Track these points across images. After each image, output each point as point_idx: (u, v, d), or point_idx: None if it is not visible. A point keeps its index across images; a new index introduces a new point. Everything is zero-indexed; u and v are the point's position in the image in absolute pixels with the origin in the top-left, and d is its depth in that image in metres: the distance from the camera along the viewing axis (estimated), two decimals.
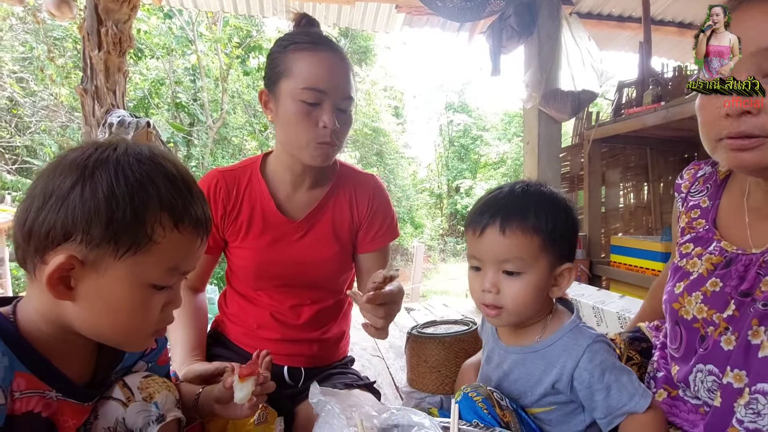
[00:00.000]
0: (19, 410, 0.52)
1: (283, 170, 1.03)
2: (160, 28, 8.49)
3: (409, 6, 3.13)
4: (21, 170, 7.31)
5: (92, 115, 1.99)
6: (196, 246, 0.59)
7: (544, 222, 0.72)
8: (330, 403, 0.60)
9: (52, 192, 0.51)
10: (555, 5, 2.59)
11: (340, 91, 0.92)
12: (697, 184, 0.85)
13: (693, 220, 0.81)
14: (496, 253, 0.73)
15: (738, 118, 0.62)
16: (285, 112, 0.93)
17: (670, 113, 2.32)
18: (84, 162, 0.52)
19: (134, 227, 0.52)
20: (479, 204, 0.78)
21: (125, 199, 0.51)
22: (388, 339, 2.13)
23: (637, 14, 3.46)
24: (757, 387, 0.60)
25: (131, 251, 0.52)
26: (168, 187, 0.55)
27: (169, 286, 0.58)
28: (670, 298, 0.76)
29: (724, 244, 0.73)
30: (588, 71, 2.51)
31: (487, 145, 14.01)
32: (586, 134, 2.96)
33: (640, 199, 3.32)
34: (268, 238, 1.02)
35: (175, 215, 0.55)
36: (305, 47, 0.92)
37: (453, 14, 1.99)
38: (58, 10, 1.93)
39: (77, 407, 0.59)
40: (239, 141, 9.98)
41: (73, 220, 0.50)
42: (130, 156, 0.54)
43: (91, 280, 0.52)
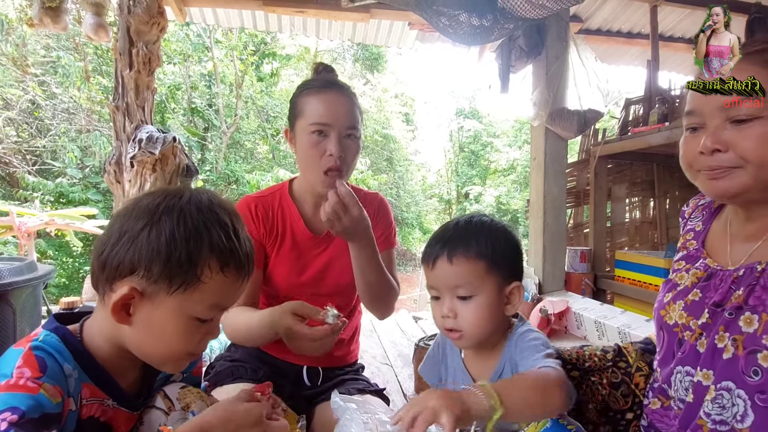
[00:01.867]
0: (84, 415, 0.62)
1: (306, 193, 1.19)
2: (177, 35, 8.72)
3: (421, 23, 3.23)
4: (41, 171, 7.55)
5: (123, 130, 2.12)
6: (238, 286, 0.67)
7: (485, 247, 0.81)
8: (350, 409, 0.70)
9: (126, 231, 0.61)
10: (563, 26, 2.67)
11: (343, 122, 1.07)
12: (697, 212, 0.93)
13: (687, 241, 0.89)
14: (447, 281, 0.82)
15: (710, 155, 0.70)
16: (300, 145, 1.10)
17: (674, 134, 2.39)
18: (154, 208, 0.62)
19: (186, 268, 0.60)
20: (430, 238, 0.88)
21: (182, 243, 0.60)
22: (396, 348, 2.24)
23: (646, 30, 3.52)
24: (722, 384, 0.69)
25: (182, 288, 0.60)
26: (220, 235, 0.63)
27: (211, 319, 0.66)
28: (659, 306, 0.85)
29: (708, 261, 0.81)
30: (594, 91, 2.58)
31: (497, 152, 14.02)
32: (592, 150, 3.03)
33: (646, 215, 3.36)
34: (295, 253, 1.16)
35: (222, 260, 0.62)
36: (314, 91, 1.10)
37: (463, 39, 2.08)
38: (95, 35, 2.07)
39: (127, 415, 0.69)
40: (252, 145, 10.18)
41: (139, 257, 0.59)
42: (192, 204, 0.63)
43: (146, 309, 0.61)
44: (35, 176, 7.10)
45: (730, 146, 0.69)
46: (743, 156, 0.68)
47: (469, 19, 1.91)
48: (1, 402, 0.51)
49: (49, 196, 6.87)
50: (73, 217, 3.53)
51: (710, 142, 0.69)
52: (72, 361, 0.61)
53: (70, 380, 0.59)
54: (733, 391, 0.68)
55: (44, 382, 0.54)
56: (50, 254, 6.62)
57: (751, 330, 0.68)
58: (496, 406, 0.65)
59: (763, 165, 0.67)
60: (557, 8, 1.99)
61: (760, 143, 0.67)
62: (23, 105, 7.36)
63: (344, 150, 1.07)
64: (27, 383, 0.53)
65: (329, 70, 1.19)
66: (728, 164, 0.69)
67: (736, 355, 0.68)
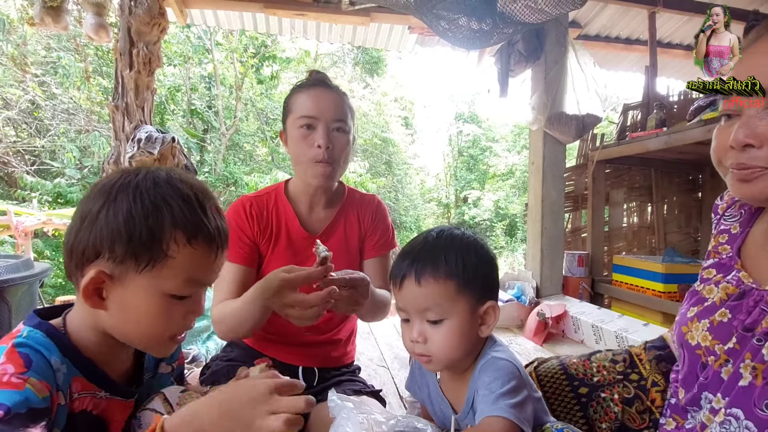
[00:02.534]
0: (76, 409, 0.61)
1: (301, 193, 1.20)
2: (178, 37, 8.74)
3: (421, 27, 3.25)
4: (40, 171, 7.54)
5: (122, 130, 2.12)
6: (211, 260, 0.63)
7: (455, 265, 0.74)
8: (346, 408, 0.69)
9: (86, 215, 0.60)
10: (562, 32, 2.69)
11: (330, 114, 1.10)
12: (733, 208, 0.80)
13: (719, 245, 0.78)
14: (416, 304, 0.75)
15: (741, 150, 0.61)
16: (291, 140, 1.14)
17: (672, 139, 2.40)
18: (110, 188, 0.60)
19: (151, 245, 0.58)
20: (399, 254, 0.80)
21: (141, 220, 0.58)
22: (393, 350, 2.23)
23: (645, 37, 3.54)
24: (731, 411, 0.62)
25: (150, 266, 0.58)
26: (181, 207, 0.60)
27: (189, 296, 0.63)
28: (681, 320, 0.75)
29: (743, 275, 0.70)
30: (592, 96, 2.60)
31: (496, 156, 14.05)
32: (590, 155, 3.04)
33: (644, 220, 3.37)
34: (291, 252, 1.17)
35: (188, 232, 0.60)
36: (304, 88, 1.14)
37: (462, 43, 2.10)
38: (96, 35, 2.08)
39: (122, 404, 0.68)
40: (251, 147, 10.18)
41: (101, 239, 0.58)
42: (148, 180, 0.61)
43: (118, 291, 0.60)
44: (33, 176, 7.08)
45: (765, 141, 0.59)
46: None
47: (469, 23, 1.92)
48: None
49: (47, 196, 6.85)
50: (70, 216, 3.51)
51: (742, 134, 0.60)
52: (59, 355, 0.60)
53: (59, 374, 0.58)
54: (741, 421, 0.61)
55: (30, 377, 0.54)
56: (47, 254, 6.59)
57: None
58: None
59: None
60: (556, 13, 2.01)
61: None
62: (23, 105, 7.36)
63: (332, 142, 1.10)
64: (11, 379, 0.52)
65: (319, 74, 1.23)
66: (762, 164, 0.59)
67: (753, 384, 0.61)
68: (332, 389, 0.79)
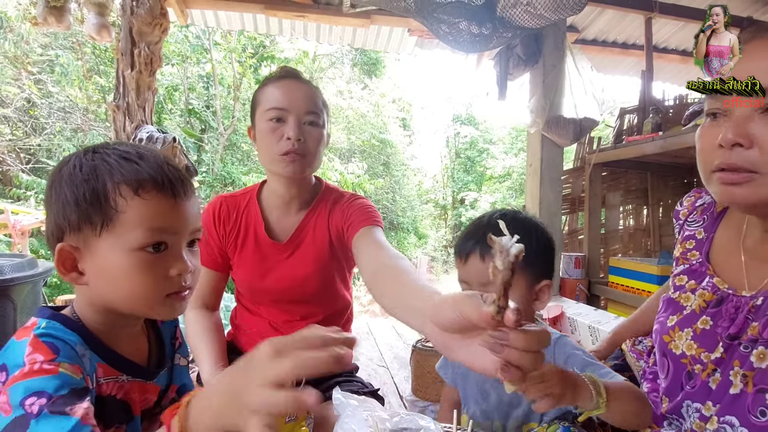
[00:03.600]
0: (104, 393, 0.62)
1: (271, 195, 1.13)
2: (176, 36, 8.73)
3: (420, 30, 3.27)
4: (35, 170, 7.50)
5: (123, 130, 2.13)
6: (168, 205, 0.61)
7: None
8: (351, 405, 0.71)
9: (45, 200, 0.63)
10: (560, 36, 2.72)
11: (301, 106, 1.02)
12: (695, 214, 0.82)
13: (687, 251, 0.80)
14: (479, 277, 0.82)
15: (730, 149, 0.60)
16: (259, 134, 1.05)
17: (667, 143, 2.43)
18: (56, 169, 0.62)
19: (98, 204, 0.58)
20: (463, 233, 0.88)
21: (82, 183, 0.59)
22: (392, 350, 2.24)
23: (641, 42, 3.57)
24: (725, 418, 0.63)
25: (105, 226, 0.58)
26: (120, 163, 0.60)
27: (162, 247, 0.61)
28: (661, 329, 0.76)
29: (717, 281, 0.71)
30: (589, 100, 2.63)
31: (493, 159, 14.11)
32: (587, 158, 3.07)
33: (640, 222, 3.40)
34: (257, 257, 1.12)
35: (132, 184, 0.59)
36: (272, 81, 1.06)
37: (462, 46, 2.12)
38: (98, 35, 2.09)
39: (143, 384, 0.68)
40: (248, 148, 10.17)
41: (57, 214, 0.60)
42: (88, 150, 0.63)
43: (89, 261, 0.60)
44: (29, 175, 7.05)
45: (755, 141, 0.58)
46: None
47: (469, 27, 1.94)
48: (23, 390, 0.50)
49: (43, 195, 6.80)
50: None
51: (732, 133, 0.59)
52: (82, 343, 0.60)
53: (84, 360, 0.59)
54: (736, 428, 0.62)
55: (61, 362, 0.54)
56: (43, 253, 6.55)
57: (763, 366, 0.61)
58: (601, 405, 0.64)
59: None
60: (555, 18, 2.03)
61: None
62: (18, 103, 7.33)
63: (304, 135, 1.01)
64: (42, 366, 0.53)
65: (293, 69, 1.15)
66: (748, 166, 0.59)
67: (745, 391, 0.62)
68: (336, 387, 0.80)
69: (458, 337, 0.51)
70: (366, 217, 1.05)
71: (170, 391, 0.76)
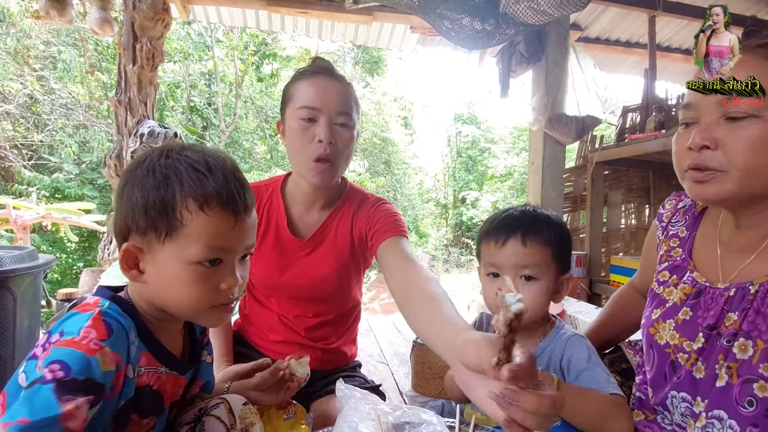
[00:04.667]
0: (142, 383, 0.63)
1: (296, 191, 1.12)
2: (178, 33, 8.73)
3: (423, 27, 3.26)
4: (37, 166, 7.51)
5: (125, 125, 2.13)
6: (229, 224, 0.62)
7: (553, 236, 0.85)
8: (354, 397, 0.71)
9: (118, 196, 0.64)
10: (563, 34, 2.71)
11: (334, 106, 0.99)
12: (678, 215, 0.88)
13: (671, 249, 0.84)
14: (517, 260, 0.85)
15: (699, 151, 0.67)
16: (289, 131, 1.03)
17: (670, 141, 2.41)
18: (131, 167, 0.64)
19: (165, 214, 0.59)
20: (497, 220, 0.90)
21: (153, 190, 0.60)
22: (392, 347, 2.24)
23: (644, 40, 3.56)
24: (714, 413, 0.66)
25: (169, 236, 0.60)
26: (190, 175, 0.61)
27: (219, 263, 0.63)
28: (647, 323, 0.80)
29: (696, 275, 0.77)
30: (592, 98, 2.62)
31: (494, 158, 14.08)
32: (589, 156, 3.06)
33: (641, 221, 3.40)
34: (277, 252, 1.10)
35: (198, 199, 0.60)
36: (306, 75, 1.03)
37: (465, 42, 2.11)
38: (100, 29, 2.09)
39: (177, 378, 0.69)
40: (250, 145, 10.18)
41: (126, 214, 0.61)
42: (161, 153, 0.63)
43: (151, 263, 0.62)
44: (31, 171, 7.05)
45: (720, 144, 0.66)
46: (731, 159, 0.65)
47: (472, 23, 1.94)
48: (57, 353, 0.52)
49: (45, 191, 6.83)
50: (70, 211, 3.51)
51: (699, 138, 0.66)
52: (135, 329, 0.62)
53: (132, 347, 0.60)
54: (724, 421, 0.65)
55: (105, 347, 0.55)
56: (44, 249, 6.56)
57: (745, 357, 0.65)
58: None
59: (750, 171, 0.64)
60: (558, 15, 2.03)
61: (749, 146, 0.63)
62: (21, 99, 7.33)
63: (335, 137, 1.00)
64: (90, 344, 0.54)
65: (326, 62, 1.12)
66: (715, 165, 0.66)
67: (730, 383, 0.65)
68: (340, 379, 0.80)
69: (477, 377, 0.53)
70: (393, 226, 1.04)
71: (195, 386, 0.77)
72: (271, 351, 1.17)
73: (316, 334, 1.16)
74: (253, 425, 0.72)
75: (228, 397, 0.73)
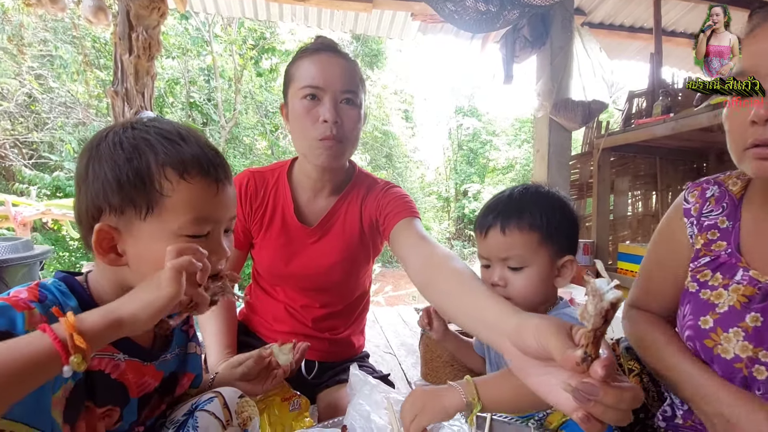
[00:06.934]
0: (93, 368, 0.59)
1: (303, 176, 1.07)
2: (176, 29, 8.66)
3: (424, 14, 3.20)
4: (38, 165, 7.49)
5: (122, 116, 2.09)
6: (212, 191, 0.59)
7: (539, 219, 0.80)
8: (369, 384, 0.67)
9: (78, 177, 0.59)
10: (568, 17, 2.65)
11: (338, 84, 0.94)
12: (709, 205, 0.77)
13: (711, 242, 0.73)
14: (499, 251, 0.81)
15: (764, 125, 0.60)
16: (292, 113, 0.98)
17: (679, 124, 2.37)
18: (91, 144, 0.58)
19: (143, 187, 0.55)
20: (484, 208, 0.87)
21: (125, 164, 0.55)
22: (399, 338, 2.20)
23: (649, 25, 3.51)
24: None
25: (150, 210, 0.56)
26: (163, 143, 0.57)
27: (205, 235, 0.59)
28: (697, 334, 0.69)
29: (754, 273, 0.66)
30: (599, 82, 2.57)
31: (496, 150, 14.01)
32: (595, 143, 3.01)
33: (648, 208, 3.35)
34: (283, 240, 1.06)
35: (178, 167, 0.56)
36: (307, 54, 0.98)
37: (469, 26, 2.06)
38: (94, 17, 2.04)
39: (139, 366, 0.65)
40: (250, 141, 10.13)
41: (95, 194, 0.56)
42: (126, 126, 0.59)
43: (131, 244, 0.57)
44: (31, 169, 7.03)
45: None
46: None
47: (476, 4, 1.89)
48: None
49: (46, 189, 6.81)
50: (70, 207, 3.48)
51: (765, 109, 0.58)
52: (78, 310, 0.57)
53: None
54: None
55: (35, 308, 0.51)
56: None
57: None
58: (474, 401, 0.65)
59: None
60: None
61: None
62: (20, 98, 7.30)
63: (341, 116, 0.94)
64: (18, 301, 0.51)
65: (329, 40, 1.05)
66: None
67: None
68: (354, 364, 0.77)
69: (537, 364, 0.49)
70: (404, 207, 1.00)
71: (185, 379, 0.74)
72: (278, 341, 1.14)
73: (323, 324, 1.13)
74: (251, 419, 0.68)
75: (222, 391, 0.69)
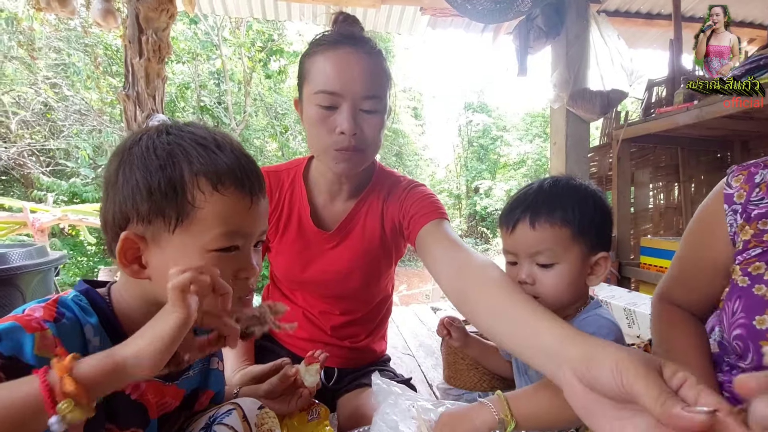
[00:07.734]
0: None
1: (319, 177, 0.99)
2: (185, 34, 8.74)
3: (433, 8, 3.15)
4: (55, 172, 7.63)
5: (134, 119, 2.08)
6: (245, 205, 0.56)
7: (572, 213, 0.74)
8: (394, 393, 0.63)
9: (107, 182, 0.55)
10: (583, 4, 2.57)
11: (358, 90, 0.82)
12: (759, 191, 0.71)
13: (763, 231, 0.68)
14: (527, 247, 0.76)
15: None
16: (307, 118, 0.87)
17: (703, 112, 2.27)
18: (123, 148, 0.55)
19: (173, 196, 0.52)
20: (511, 201, 0.81)
21: (157, 171, 0.52)
22: (417, 338, 2.15)
23: (667, 11, 3.39)
24: None
25: (180, 221, 0.53)
26: (198, 152, 0.54)
27: (235, 250, 0.56)
28: (750, 335, 0.64)
29: None
30: (617, 70, 2.48)
31: (507, 146, 13.87)
32: (614, 134, 2.92)
33: (671, 200, 3.25)
34: (300, 245, 1.00)
35: (212, 177, 0.53)
36: (324, 48, 0.84)
37: (480, 16, 2.00)
38: (104, 21, 2.03)
39: (160, 386, 0.62)
40: (261, 143, 10.19)
41: (124, 200, 0.53)
42: (160, 131, 0.56)
43: (156, 255, 0.54)
44: (49, 177, 7.17)
45: None
46: None
47: None
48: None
49: (63, 195, 6.93)
50: (87, 212, 3.51)
51: None
52: (97, 326, 0.54)
53: (90, 347, 0.53)
54: None
55: (48, 329, 0.48)
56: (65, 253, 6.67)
57: None
58: (507, 419, 0.61)
59: None
60: None
61: None
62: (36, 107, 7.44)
63: (360, 126, 0.83)
64: (31, 321, 0.47)
65: (351, 21, 0.92)
66: None
67: None
68: (376, 372, 0.72)
69: (608, 404, 0.41)
70: (432, 208, 0.90)
71: (204, 397, 0.70)
72: (296, 347, 1.10)
73: (343, 332, 1.08)
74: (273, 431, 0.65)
75: (241, 402, 0.65)
